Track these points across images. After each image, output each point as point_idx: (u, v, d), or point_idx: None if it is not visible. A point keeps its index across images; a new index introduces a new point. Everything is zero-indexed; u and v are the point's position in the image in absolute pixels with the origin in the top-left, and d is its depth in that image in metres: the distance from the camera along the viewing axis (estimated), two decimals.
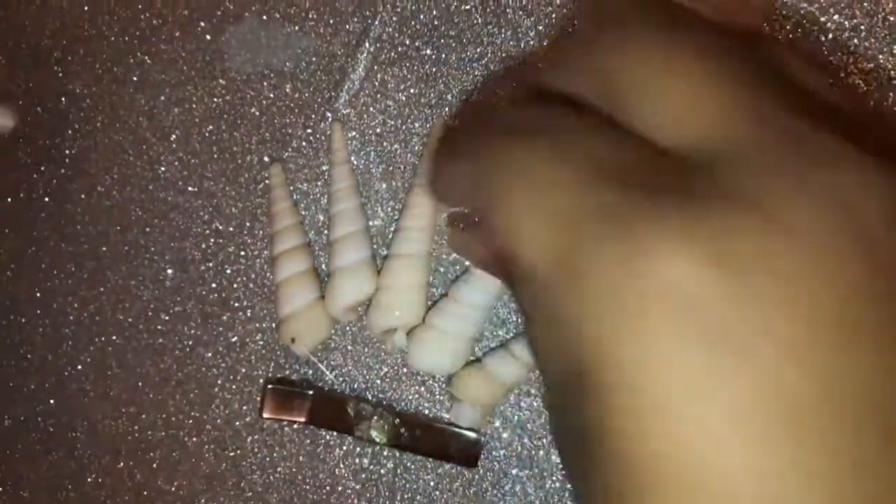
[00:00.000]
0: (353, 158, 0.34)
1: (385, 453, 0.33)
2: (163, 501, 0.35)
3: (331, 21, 0.34)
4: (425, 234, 0.32)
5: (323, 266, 0.34)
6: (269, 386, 0.33)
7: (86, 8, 0.36)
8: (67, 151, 0.37)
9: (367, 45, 0.33)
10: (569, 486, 0.31)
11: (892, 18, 0.29)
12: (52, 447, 0.36)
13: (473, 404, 0.31)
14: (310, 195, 0.34)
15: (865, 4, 0.29)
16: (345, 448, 0.33)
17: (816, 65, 0.30)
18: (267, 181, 0.34)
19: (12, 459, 0.36)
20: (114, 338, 0.36)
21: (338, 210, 0.33)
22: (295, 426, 0.33)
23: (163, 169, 0.36)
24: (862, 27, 0.29)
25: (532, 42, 0.32)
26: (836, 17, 0.29)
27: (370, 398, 0.33)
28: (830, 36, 0.29)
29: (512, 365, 0.31)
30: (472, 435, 0.31)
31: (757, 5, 0.29)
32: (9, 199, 0.37)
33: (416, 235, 0.32)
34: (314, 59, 0.34)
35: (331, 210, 0.33)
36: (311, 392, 0.33)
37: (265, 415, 0.33)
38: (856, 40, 0.29)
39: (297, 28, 0.34)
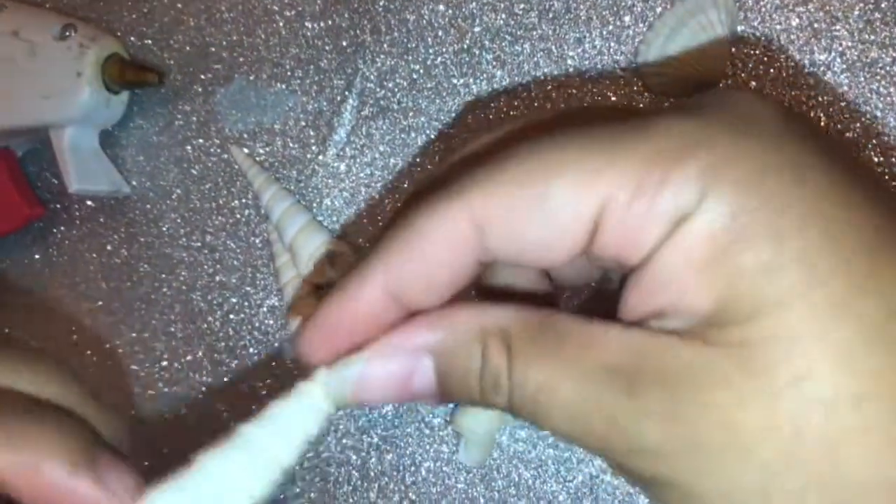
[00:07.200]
0: (343, 208, 0.35)
1: (391, 487, 0.35)
2: None
3: (316, 79, 0.35)
4: None
5: None
6: None
7: None
8: (77, 213, 0.39)
9: (350, 100, 0.35)
10: None
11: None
12: None
13: (475, 439, 0.32)
14: None
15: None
16: (352, 485, 0.35)
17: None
18: (266, 234, 0.36)
19: None
20: (134, 389, 0.38)
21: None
22: (305, 465, 0.35)
23: (166, 226, 0.37)
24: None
25: (505, 91, 0.33)
26: (794, 20, 0.30)
27: (375, 434, 0.35)
28: (792, 36, 0.30)
29: None
30: None
31: (714, 54, 0.30)
32: (25, 262, 0.40)
33: None
34: (302, 115, 0.36)
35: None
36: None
37: None
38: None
39: (284, 87, 0.36)
